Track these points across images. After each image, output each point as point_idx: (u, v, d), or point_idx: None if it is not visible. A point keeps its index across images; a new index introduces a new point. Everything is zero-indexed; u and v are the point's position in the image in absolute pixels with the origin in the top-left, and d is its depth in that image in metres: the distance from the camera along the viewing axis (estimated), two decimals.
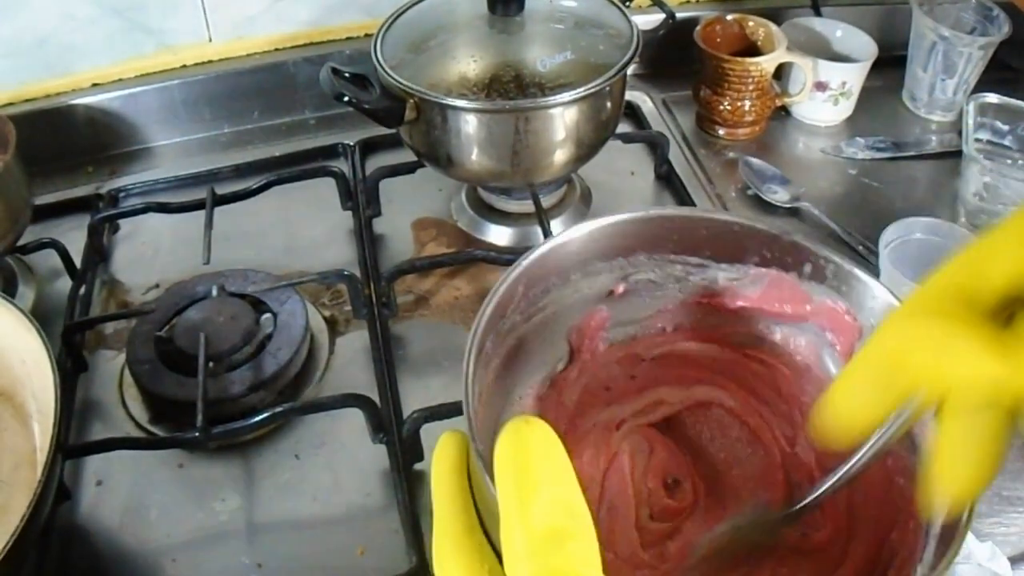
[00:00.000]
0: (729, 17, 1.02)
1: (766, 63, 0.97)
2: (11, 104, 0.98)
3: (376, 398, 0.70)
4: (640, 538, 0.48)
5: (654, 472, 0.51)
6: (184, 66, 1.03)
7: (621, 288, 0.52)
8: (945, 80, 1.02)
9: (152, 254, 0.89)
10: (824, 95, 1.02)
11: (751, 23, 1.02)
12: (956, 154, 0.94)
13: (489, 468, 0.29)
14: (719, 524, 0.49)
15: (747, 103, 0.99)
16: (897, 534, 0.43)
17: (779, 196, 0.93)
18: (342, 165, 0.96)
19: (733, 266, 0.50)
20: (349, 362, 0.78)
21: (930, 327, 0.28)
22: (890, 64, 1.05)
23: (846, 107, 1.04)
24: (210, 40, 1.03)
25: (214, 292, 0.78)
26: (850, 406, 0.32)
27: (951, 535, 0.37)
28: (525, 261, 0.47)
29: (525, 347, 0.51)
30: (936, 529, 0.39)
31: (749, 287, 0.51)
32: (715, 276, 0.51)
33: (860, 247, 0.86)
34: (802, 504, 0.43)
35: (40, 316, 0.64)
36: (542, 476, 0.27)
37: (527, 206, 0.87)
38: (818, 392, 0.51)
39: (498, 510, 0.28)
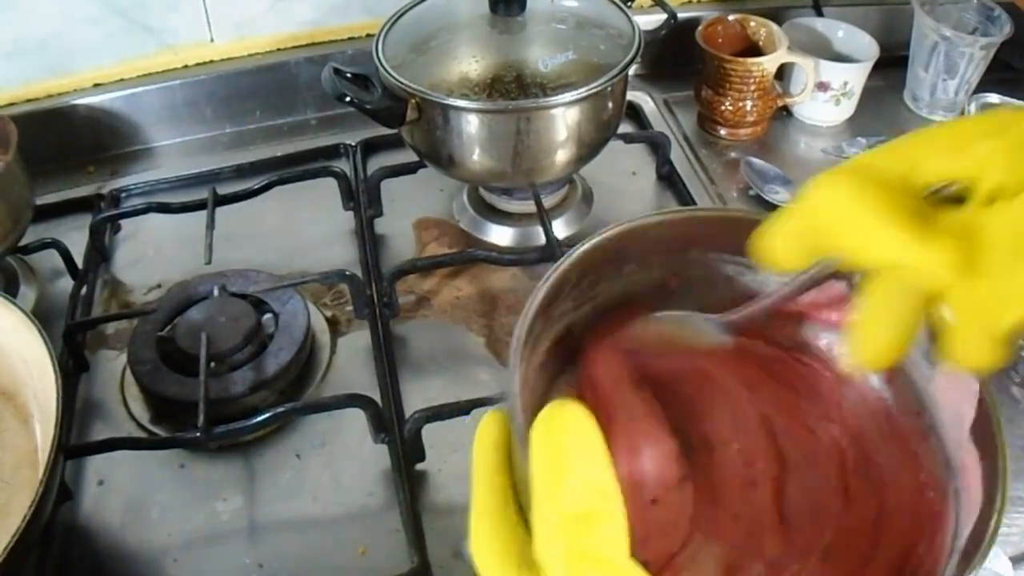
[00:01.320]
0: (731, 17, 1.02)
1: (768, 63, 0.97)
2: (13, 104, 0.98)
3: (377, 398, 0.70)
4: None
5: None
6: (186, 66, 1.03)
7: (675, 282, 0.52)
8: (947, 80, 1.02)
9: (153, 254, 0.90)
10: (826, 95, 1.02)
11: (753, 23, 1.02)
12: None
13: (527, 448, 0.29)
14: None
15: (749, 103, 0.99)
16: (924, 547, 0.43)
17: (781, 196, 0.93)
18: (344, 165, 0.96)
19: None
20: (350, 362, 0.78)
21: (856, 192, 0.29)
22: (892, 64, 1.05)
23: (848, 107, 1.04)
24: (212, 40, 1.03)
25: (215, 292, 0.78)
26: (774, 250, 0.33)
27: (974, 551, 0.37)
28: (581, 249, 0.46)
29: (574, 334, 0.51)
30: (961, 543, 0.39)
31: (798, 292, 0.51)
32: (766, 279, 0.51)
33: None
34: (738, 314, 0.44)
35: (41, 316, 0.64)
36: (576, 459, 0.28)
37: (529, 206, 0.87)
38: (857, 400, 0.51)
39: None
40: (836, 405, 0.52)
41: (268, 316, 0.78)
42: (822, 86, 1.01)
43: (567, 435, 0.28)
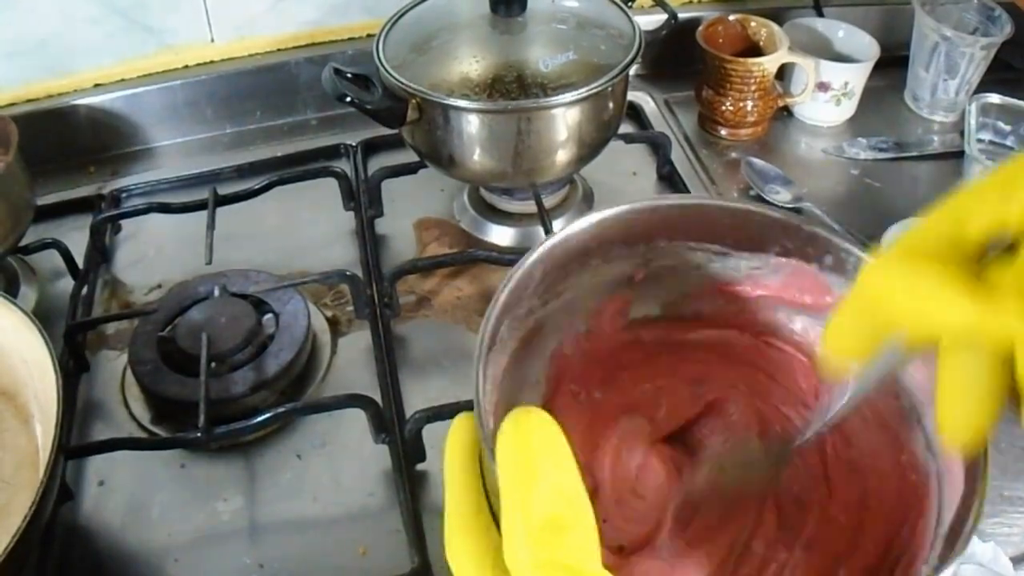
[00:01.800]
0: (731, 17, 1.02)
1: (768, 63, 0.97)
2: (13, 104, 0.98)
3: (378, 398, 0.70)
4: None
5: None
6: (186, 66, 1.03)
7: (641, 274, 0.52)
8: (947, 80, 1.02)
9: (154, 254, 0.90)
10: (826, 95, 1.02)
11: (753, 23, 1.02)
12: (958, 154, 0.94)
13: (494, 455, 0.29)
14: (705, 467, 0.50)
15: (749, 103, 0.99)
16: (907, 531, 0.43)
17: (781, 196, 0.93)
18: (344, 165, 0.96)
19: (754, 255, 0.50)
20: (351, 362, 0.78)
21: (909, 270, 0.29)
22: (892, 64, 1.05)
23: (848, 107, 1.04)
24: (212, 40, 1.03)
25: (216, 292, 0.78)
26: (839, 343, 0.33)
27: (957, 535, 0.37)
28: (542, 247, 0.46)
29: (543, 332, 0.51)
30: (944, 529, 0.39)
31: (770, 276, 0.51)
32: (736, 264, 0.51)
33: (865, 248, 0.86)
34: (796, 444, 0.43)
35: (42, 316, 0.64)
36: (543, 466, 0.28)
37: (529, 206, 0.87)
38: (836, 384, 0.51)
39: None
40: (812, 387, 0.52)
41: (269, 316, 0.78)
42: (823, 86, 1.01)
43: (533, 442, 0.28)
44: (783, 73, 1.03)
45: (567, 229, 0.47)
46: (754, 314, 0.53)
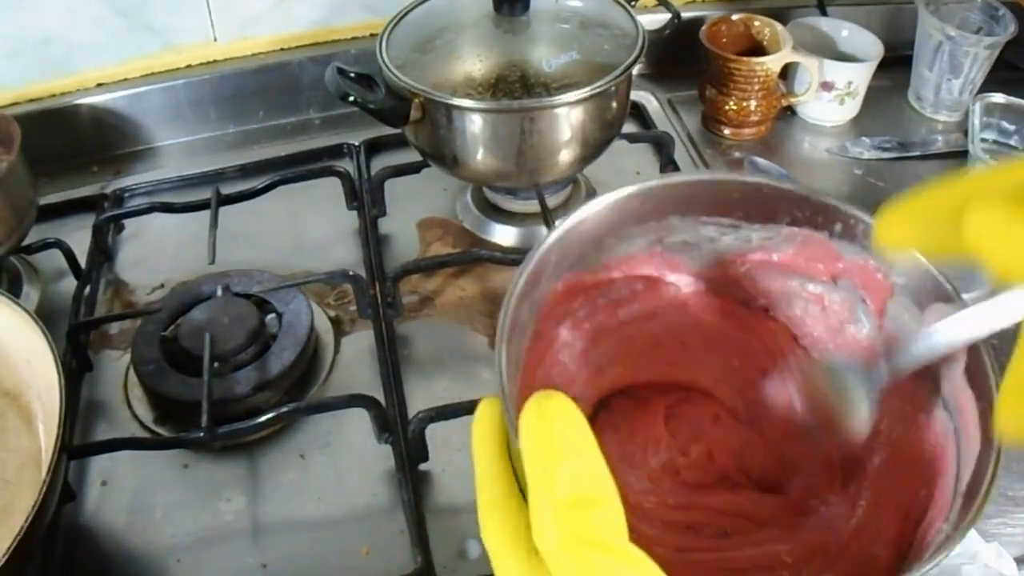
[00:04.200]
0: (735, 17, 1.02)
1: (772, 63, 0.97)
2: (16, 104, 0.98)
3: (381, 398, 0.70)
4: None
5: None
6: (189, 66, 1.03)
7: (657, 250, 0.53)
8: (951, 80, 1.02)
9: (157, 254, 0.89)
10: (830, 95, 1.01)
11: (757, 23, 1.02)
12: (962, 154, 0.94)
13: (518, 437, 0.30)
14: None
15: (753, 103, 0.99)
16: (926, 493, 0.43)
17: None
18: (347, 165, 0.96)
19: (766, 226, 0.51)
20: (354, 362, 0.77)
21: (997, 208, 0.26)
22: (896, 64, 1.05)
23: (852, 107, 1.04)
24: (215, 40, 1.03)
25: (219, 292, 0.78)
26: (903, 225, 0.30)
27: (975, 494, 0.37)
28: (557, 231, 0.47)
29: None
30: (963, 486, 0.40)
31: (782, 246, 0.51)
32: (748, 236, 0.52)
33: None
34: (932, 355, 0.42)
35: (45, 316, 0.64)
36: (566, 447, 0.28)
37: (532, 206, 0.87)
38: (848, 350, 0.51)
39: None
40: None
41: (272, 316, 0.78)
42: (826, 86, 1.01)
43: (555, 425, 0.28)
44: (787, 72, 1.03)
45: (581, 211, 0.48)
46: (767, 283, 0.54)
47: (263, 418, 0.67)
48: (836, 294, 0.52)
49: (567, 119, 0.77)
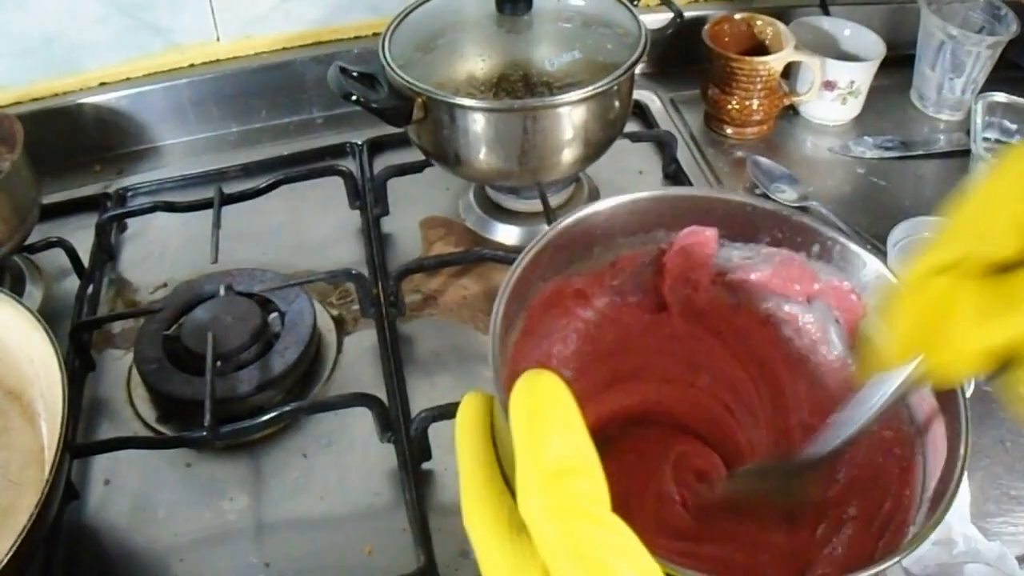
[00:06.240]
0: (737, 16, 1.02)
1: (774, 62, 0.97)
2: (19, 103, 0.98)
3: (384, 397, 0.70)
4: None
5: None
6: (192, 65, 1.03)
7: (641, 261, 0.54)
8: (953, 79, 1.02)
9: (160, 253, 0.90)
10: (832, 94, 1.01)
11: (759, 22, 1.02)
12: (964, 153, 0.94)
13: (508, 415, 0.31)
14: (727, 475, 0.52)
15: (755, 102, 0.99)
16: (890, 504, 0.45)
17: (787, 195, 0.93)
18: (350, 164, 0.96)
19: (746, 245, 0.53)
20: (357, 361, 0.78)
21: (932, 303, 0.31)
22: (898, 63, 1.04)
23: (854, 106, 1.04)
24: (218, 39, 1.03)
25: (222, 291, 0.78)
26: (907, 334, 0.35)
27: (941, 497, 0.39)
28: (552, 231, 0.49)
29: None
30: (929, 493, 0.41)
31: (761, 265, 0.53)
32: (728, 255, 0.53)
33: (868, 246, 0.86)
34: (828, 451, 0.44)
35: (48, 315, 0.64)
36: (553, 422, 0.29)
37: (535, 205, 0.87)
38: (824, 367, 0.53)
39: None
40: (800, 375, 0.54)
41: (274, 315, 0.78)
42: (829, 85, 1.00)
43: (544, 401, 0.29)
44: (789, 72, 1.03)
45: (575, 214, 0.50)
46: (746, 303, 0.55)
47: (266, 417, 0.67)
48: (810, 314, 0.53)
49: (569, 118, 0.77)
